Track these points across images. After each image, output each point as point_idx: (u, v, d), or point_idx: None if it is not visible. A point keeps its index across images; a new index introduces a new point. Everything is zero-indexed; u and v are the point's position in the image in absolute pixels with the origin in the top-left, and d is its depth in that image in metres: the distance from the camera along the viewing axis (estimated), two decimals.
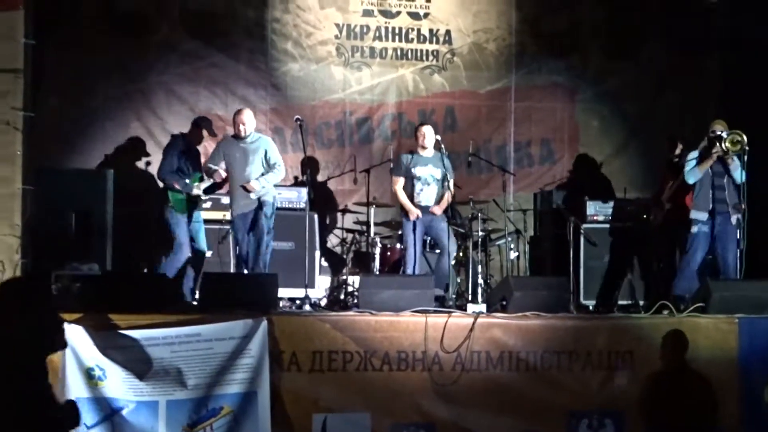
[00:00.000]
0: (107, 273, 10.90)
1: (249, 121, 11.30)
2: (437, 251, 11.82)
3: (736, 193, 11.18)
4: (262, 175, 11.14)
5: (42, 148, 11.64)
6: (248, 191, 11.02)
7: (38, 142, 10.96)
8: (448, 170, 11.64)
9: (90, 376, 8.48)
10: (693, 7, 14.62)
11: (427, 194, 11.65)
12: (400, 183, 11.78)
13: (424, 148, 11.72)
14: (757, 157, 11.11)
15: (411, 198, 11.63)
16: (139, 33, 13.31)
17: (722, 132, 11.15)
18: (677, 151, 12.23)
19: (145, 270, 11.96)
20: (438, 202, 11.61)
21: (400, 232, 12.16)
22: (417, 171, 11.67)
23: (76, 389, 8.42)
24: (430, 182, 11.65)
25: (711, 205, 11.16)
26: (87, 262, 10.69)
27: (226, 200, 11.67)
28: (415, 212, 11.54)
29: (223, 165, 11.16)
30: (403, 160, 11.82)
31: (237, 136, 11.24)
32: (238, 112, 11.39)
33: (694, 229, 11.19)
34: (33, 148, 9.08)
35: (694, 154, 11.30)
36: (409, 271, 11.46)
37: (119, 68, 13.24)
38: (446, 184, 11.54)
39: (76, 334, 8.43)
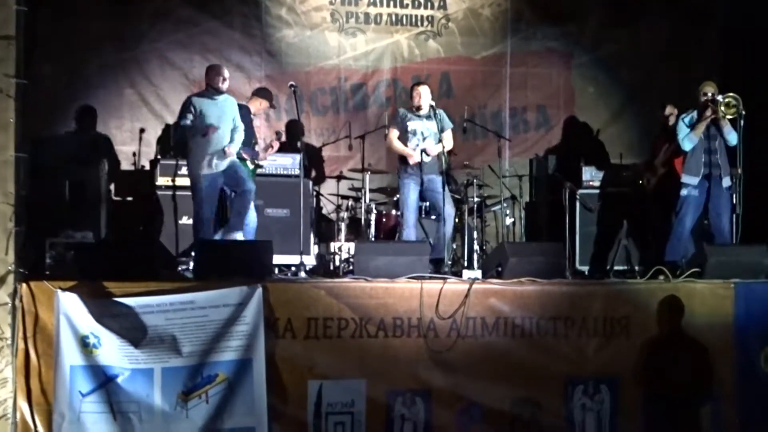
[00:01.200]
0: (101, 240, 10.89)
1: (228, 76, 11.33)
2: (433, 217, 11.79)
3: (729, 157, 11.17)
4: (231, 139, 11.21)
5: (35, 115, 11.57)
6: (226, 155, 11.03)
7: (31, 109, 10.95)
8: (444, 122, 11.58)
9: (85, 344, 8.46)
10: None
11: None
12: (394, 133, 11.66)
13: (419, 108, 11.65)
14: (757, 125, 11.08)
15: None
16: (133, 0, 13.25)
17: (715, 94, 11.14)
18: (666, 112, 12.23)
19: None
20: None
21: (395, 198, 12.16)
22: (412, 125, 11.56)
23: (70, 357, 8.42)
24: (426, 136, 11.54)
25: (702, 169, 11.15)
26: (81, 230, 10.67)
27: None
28: (414, 155, 11.44)
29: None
30: (400, 113, 11.76)
31: (216, 91, 11.18)
32: (219, 67, 11.42)
33: (684, 192, 11.18)
34: (26, 116, 9.04)
35: (686, 118, 11.28)
36: (408, 231, 11.43)
37: (113, 35, 13.16)
38: (443, 135, 11.50)
39: (70, 302, 8.43)
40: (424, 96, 11.58)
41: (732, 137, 11.08)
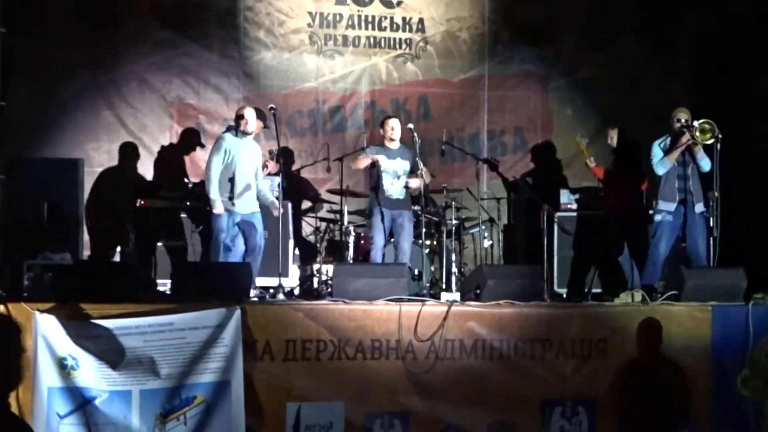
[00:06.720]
0: (79, 262, 10.85)
1: (252, 117, 11.38)
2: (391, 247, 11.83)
3: (702, 183, 11.21)
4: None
5: (13, 138, 11.58)
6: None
7: (9, 132, 10.92)
8: (418, 158, 11.63)
9: (63, 366, 8.42)
10: (667, 3, 14.66)
11: (397, 187, 11.65)
12: (364, 155, 11.86)
13: (392, 140, 11.73)
14: (730, 148, 11.11)
15: (380, 192, 11.63)
16: (110, 22, 13.22)
17: (689, 120, 11.17)
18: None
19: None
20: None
21: None
22: (383, 164, 11.65)
23: (48, 379, 8.38)
24: (399, 175, 11.64)
25: (677, 195, 11.16)
26: (59, 252, 10.64)
27: None
28: (378, 157, 11.62)
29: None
30: (372, 151, 11.83)
31: (242, 132, 11.28)
32: (242, 108, 11.56)
33: (658, 217, 11.21)
34: (4, 138, 9.02)
35: (659, 144, 11.30)
36: (377, 258, 11.47)
37: (90, 58, 13.17)
38: (419, 172, 11.51)
39: (48, 324, 8.39)
40: (396, 129, 11.75)
41: (705, 163, 11.10)
